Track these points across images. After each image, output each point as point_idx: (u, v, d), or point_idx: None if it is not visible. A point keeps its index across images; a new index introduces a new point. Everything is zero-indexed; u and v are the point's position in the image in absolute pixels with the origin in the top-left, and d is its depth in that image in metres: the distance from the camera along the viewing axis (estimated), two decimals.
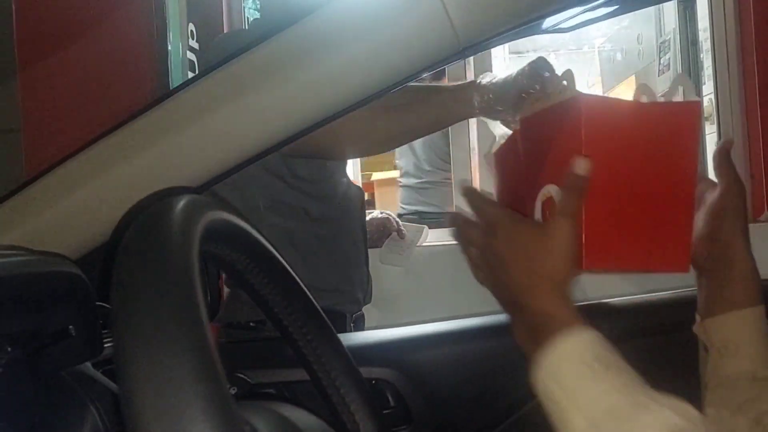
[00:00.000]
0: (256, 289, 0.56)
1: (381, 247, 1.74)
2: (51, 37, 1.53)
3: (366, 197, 1.47)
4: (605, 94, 3.25)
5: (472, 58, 1.98)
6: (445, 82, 1.94)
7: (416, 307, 1.77)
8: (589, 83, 3.30)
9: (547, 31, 0.82)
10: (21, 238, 0.60)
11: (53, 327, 0.54)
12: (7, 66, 1.60)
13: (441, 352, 0.89)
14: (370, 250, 1.39)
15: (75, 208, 0.60)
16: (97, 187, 0.60)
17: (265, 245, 0.55)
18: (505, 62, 2.65)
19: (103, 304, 0.72)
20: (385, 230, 1.73)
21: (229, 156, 0.66)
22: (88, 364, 0.64)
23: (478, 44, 0.71)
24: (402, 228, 1.74)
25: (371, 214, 1.78)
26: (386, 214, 1.79)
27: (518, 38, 0.80)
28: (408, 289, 1.80)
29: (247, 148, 0.64)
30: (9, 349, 0.53)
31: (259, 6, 1.52)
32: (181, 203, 0.39)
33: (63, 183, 0.62)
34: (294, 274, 0.60)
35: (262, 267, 0.56)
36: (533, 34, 0.81)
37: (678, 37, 2.12)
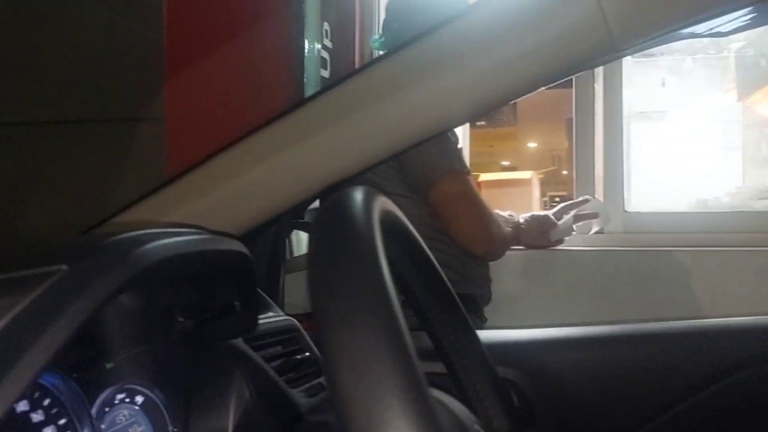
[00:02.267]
0: (404, 279, 0.58)
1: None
2: (197, 30, 1.64)
3: None
4: (741, 102, 3.05)
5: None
6: None
7: (531, 311, 1.76)
8: (723, 89, 3.10)
9: (703, 35, 0.79)
10: (191, 214, 0.66)
11: (220, 301, 0.58)
12: (156, 59, 1.73)
13: (568, 357, 0.88)
14: None
15: (242, 189, 0.65)
16: (264, 170, 0.65)
17: (414, 236, 0.57)
18: (631, 65, 2.54)
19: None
20: (542, 227, 1.72)
21: (390, 145, 0.69)
22: (241, 339, 0.69)
23: (633, 46, 0.70)
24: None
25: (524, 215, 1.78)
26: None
27: (674, 41, 0.77)
28: (524, 292, 1.78)
29: (405, 138, 0.67)
30: (181, 319, 0.59)
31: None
32: (361, 193, 0.42)
33: (231, 166, 0.67)
34: (438, 267, 0.61)
35: (411, 257, 0.58)
36: (690, 38, 0.78)
37: None
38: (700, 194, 2.31)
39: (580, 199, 1.77)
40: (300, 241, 1.55)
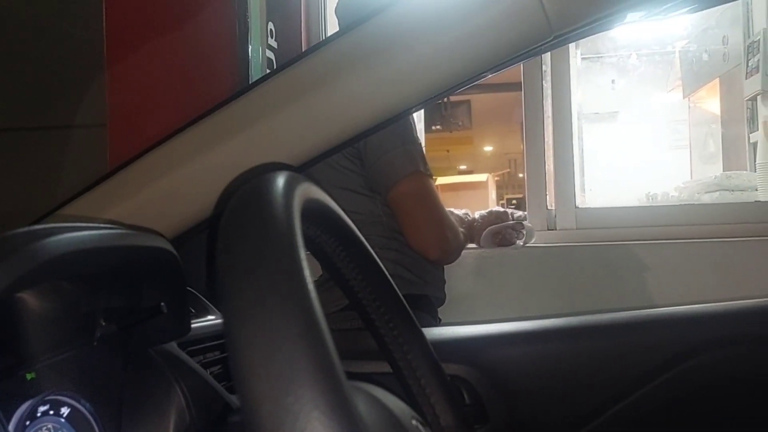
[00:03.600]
0: (342, 275, 0.56)
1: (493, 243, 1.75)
2: (138, 33, 1.59)
3: None
4: (687, 98, 3.12)
5: (550, 64, 1.95)
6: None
7: (486, 309, 1.75)
8: (669, 86, 3.17)
9: (642, 19, 0.79)
10: (118, 216, 0.62)
11: (146, 303, 0.55)
12: (97, 65, 1.67)
13: (519, 351, 0.86)
14: None
15: (170, 189, 0.62)
16: (193, 169, 0.62)
17: (354, 231, 0.54)
18: (581, 66, 2.58)
19: (192, 290, 0.73)
20: (499, 222, 1.73)
21: (322, 139, 0.67)
22: (174, 344, 0.66)
23: (570, 32, 0.69)
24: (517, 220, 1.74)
25: (488, 209, 1.79)
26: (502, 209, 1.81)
27: (611, 28, 0.77)
28: (478, 290, 1.78)
29: (341, 130, 0.65)
30: (104, 323, 0.55)
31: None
32: (282, 177, 0.39)
33: (159, 165, 0.64)
34: (381, 264, 0.59)
35: (351, 253, 0.56)
36: (627, 23, 0.78)
37: None
38: (650, 190, 2.35)
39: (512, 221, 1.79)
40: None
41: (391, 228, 1.35)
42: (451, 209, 1.71)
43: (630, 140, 3.38)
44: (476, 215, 1.76)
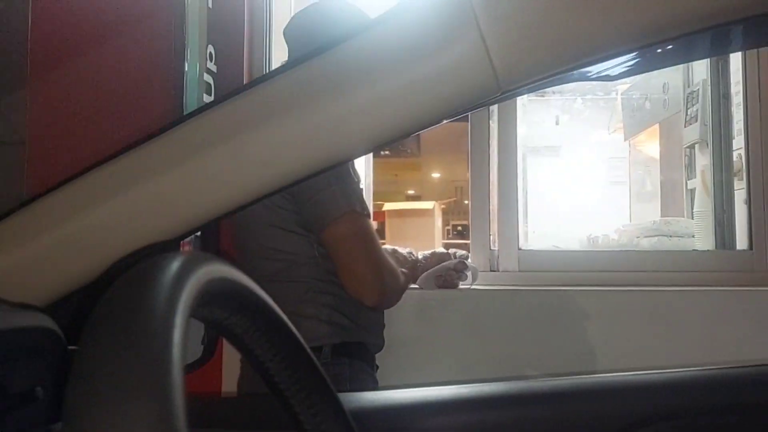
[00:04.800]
0: (257, 357, 0.49)
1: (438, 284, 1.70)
2: (65, 48, 1.48)
3: (376, 227, 1.42)
4: (627, 141, 3.18)
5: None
6: None
7: (426, 353, 1.70)
8: (611, 129, 3.24)
9: (591, 79, 0.76)
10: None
11: (17, 387, 0.46)
12: (18, 76, 1.56)
13: (457, 419, 0.80)
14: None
15: (48, 250, 0.53)
16: (74, 229, 0.53)
17: (269, 306, 0.47)
18: (526, 103, 2.59)
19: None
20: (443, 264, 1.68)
21: (252, 184, 0.60)
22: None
23: (518, 88, 0.65)
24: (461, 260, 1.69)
25: (431, 251, 1.73)
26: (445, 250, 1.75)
27: (562, 83, 0.73)
28: (419, 333, 1.72)
29: (275, 176, 0.58)
30: None
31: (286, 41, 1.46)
32: (174, 262, 0.32)
33: (36, 222, 0.55)
34: (297, 335, 0.52)
35: (262, 328, 0.49)
36: (577, 81, 0.74)
37: (709, 88, 2.06)
38: (591, 231, 2.36)
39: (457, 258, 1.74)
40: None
41: (327, 270, 1.28)
42: (396, 248, 1.65)
43: (571, 175, 3.42)
44: (419, 255, 1.70)
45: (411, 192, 10.43)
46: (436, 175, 11.39)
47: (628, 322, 1.74)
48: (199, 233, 0.84)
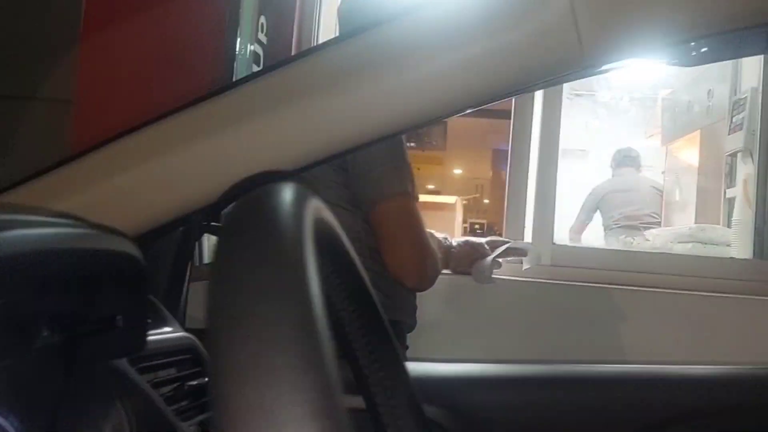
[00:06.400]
0: (332, 303, 0.49)
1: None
2: (119, 10, 1.49)
3: None
4: (664, 145, 3.15)
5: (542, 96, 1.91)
6: None
7: (454, 338, 1.70)
8: (648, 133, 3.20)
9: (669, 63, 0.75)
10: (78, 206, 0.54)
11: (99, 313, 0.46)
12: (71, 36, 1.57)
13: (501, 397, 0.80)
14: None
15: (139, 182, 0.54)
16: (166, 163, 0.54)
17: (353, 259, 0.47)
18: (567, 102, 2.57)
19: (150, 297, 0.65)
20: (474, 254, 1.65)
21: (313, 147, 0.60)
22: (124, 359, 0.58)
23: (602, 61, 0.64)
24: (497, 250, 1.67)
25: (458, 239, 1.72)
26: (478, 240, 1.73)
27: (641, 59, 0.72)
28: (448, 318, 1.72)
29: (336, 140, 0.58)
30: (45, 333, 0.47)
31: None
32: (291, 190, 0.32)
33: (129, 154, 0.56)
34: (374, 296, 0.52)
35: (344, 280, 0.49)
36: (657, 59, 0.73)
37: (759, 97, 2.03)
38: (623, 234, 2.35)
39: (513, 242, 1.73)
40: (212, 246, 1.42)
41: (369, 247, 1.28)
42: (432, 231, 1.64)
43: (600, 178, 3.40)
44: (453, 242, 1.69)
45: (431, 187, 10.40)
46: (458, 171, 11.33)
47: (659, 323, 1.73)
48: None
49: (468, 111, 0.63)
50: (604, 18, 0.61)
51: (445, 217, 6.32)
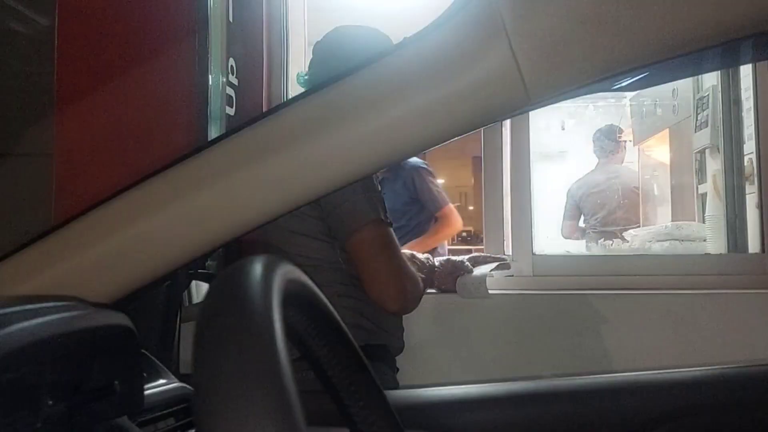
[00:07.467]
0: (312, 352, 0.53)
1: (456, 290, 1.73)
2: (91, 62, 1.53)
3: None
4: (636, 145, 3.22)
5: None
6: None
7: (444, 356, 1.73)
8: (619, 132, 3.27)
9: (612, 90, 0.80)
10: (63, 275, 0.58)
11: (98, 381, 0.50)
12: (46, 89, 1.61)
13: (486, 416, 0.84)
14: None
15: (124, 246, 0.58)
16: (150, 225, 0.58)
17: (326, 307, 0.52)
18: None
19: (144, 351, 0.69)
20: (456, 272, 1.71)
21: (285, 198, 0.65)
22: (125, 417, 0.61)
23: (546, 100, 0.69)
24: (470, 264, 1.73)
25: (440, 258, 1.78)
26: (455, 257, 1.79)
27: (584, 95, 0.77)
28: (436, 337, 1.76)
29: (305, 190, 0.63)
30: (50, 402, 0.50)
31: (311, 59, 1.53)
32: (259, 263, 0.37)
33: (102, 225, 0.60)
34: (350, 336, 0.56)
35: (319, 327, 0.53)
36: (599, 92, 0.78)
37: (719, 94, 2.10)
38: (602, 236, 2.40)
39: (497, 260, 1.79)
40: (200, 286, 1.46)
41: (349, 275, 1.32)
42: (414, 252, 1.69)
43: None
44: (435, 262, 1.74)
45: None
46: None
47: (642, 325, 1.77)
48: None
49: (419, 152, 0.68)
50: (546, 59, 0.65)
51: None
